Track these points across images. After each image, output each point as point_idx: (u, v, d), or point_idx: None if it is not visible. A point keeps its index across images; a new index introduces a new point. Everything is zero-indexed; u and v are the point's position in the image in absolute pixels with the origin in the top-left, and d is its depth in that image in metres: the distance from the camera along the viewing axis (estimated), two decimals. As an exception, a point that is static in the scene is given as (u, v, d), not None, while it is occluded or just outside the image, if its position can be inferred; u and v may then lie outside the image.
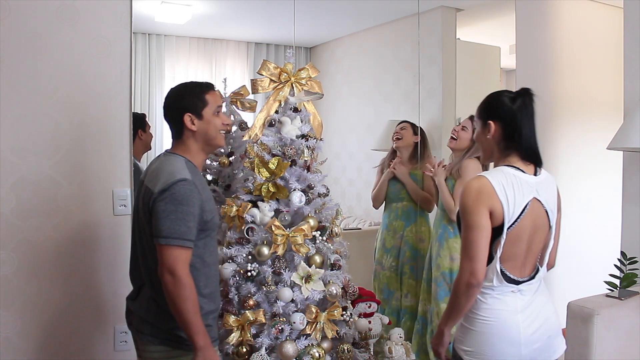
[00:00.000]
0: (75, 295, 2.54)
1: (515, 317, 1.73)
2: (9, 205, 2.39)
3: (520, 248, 1.75)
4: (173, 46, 3.40)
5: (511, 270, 1.76)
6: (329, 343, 2.26)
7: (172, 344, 1.82)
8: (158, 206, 1.73)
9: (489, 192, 1.69)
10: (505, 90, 1.85)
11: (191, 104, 1.86)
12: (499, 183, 1.70)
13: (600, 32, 4.24)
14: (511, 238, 1.72)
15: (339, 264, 2.31)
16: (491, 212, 1.69)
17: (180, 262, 1.70)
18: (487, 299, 1.75)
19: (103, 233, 2.57)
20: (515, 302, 1.75)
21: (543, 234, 1.81)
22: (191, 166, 1.85)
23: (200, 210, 1.77)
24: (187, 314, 1.70)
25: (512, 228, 1.71)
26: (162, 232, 1.71)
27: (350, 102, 4.16)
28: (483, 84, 4.32)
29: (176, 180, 1.74)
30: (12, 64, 2.38)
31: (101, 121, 2.57)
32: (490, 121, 1.81)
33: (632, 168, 2.90)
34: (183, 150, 1.88)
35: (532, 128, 1.78)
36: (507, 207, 1.69)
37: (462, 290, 1.70)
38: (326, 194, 2.38)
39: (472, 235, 1.69)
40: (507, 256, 1.74)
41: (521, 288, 1.77)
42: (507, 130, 1.78)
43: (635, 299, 2.49)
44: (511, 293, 1.76)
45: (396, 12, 3.98)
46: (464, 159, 3.01)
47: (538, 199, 1.75)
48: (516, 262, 1.76)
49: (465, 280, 1.69)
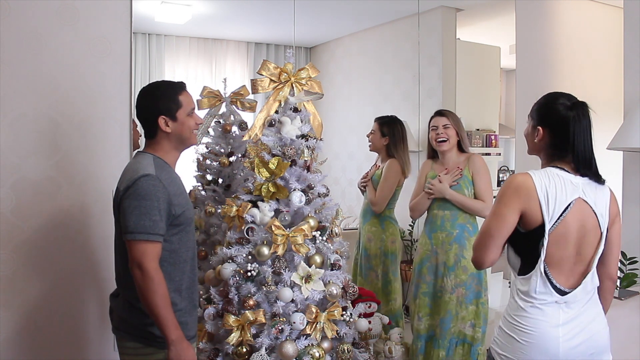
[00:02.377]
0: (75, 295, 2.54)
1: (555, 331, 1.66)
2: (9, 205, 2.39)
3: (568, 251, 1.67)
4: (173, 46, 3.40)
5: (557, 276, 1.67)
6: (329, 343, 2.26)
7: (145, 340, 1.83)
8: (123, 203, 1.77)
9: (528, 190, 1.65)
10: (563, 95, 1.77)
11: (165, 106, 1.87)
12: (542, 183, 1.65)
13: (600, 32, 4.24)
14: (555, 239, 1.65)
15: (339, 264, 2.30)
16: (527, 212, 1.66)
17: (147, 256, 1.72)
18: (528, 307, 1.69)
19: (103, 233, 2.57)
20: (558, 314, 1.67)
21: (594, 239, 1.70)
22: (160, 162, 1.86)
23: (167, 205, 1.78)
24: (157, 308, 1.71)
25: (555, 227, 1.65)
26: (128, 228, 1.74)
27: (350, 102, 4.16)
28: (483, 84, 4.32)
29: (139, 176, 1.76)
30: (12, 64, 2.38)
31: (101, 121, 2.57)
32: (540, 127, 1.76)
33: (632, 168, 2.90)
34: (155, 149, 1.90)
35: (586, 140, 1.71)
36: (545, 206, 1.64)
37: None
38: (326, 194, 2.38)
39: (493, 222, 1.68)
40: (553, 260, 1.66)
41: (567, 299, 1.68)
42: (556, 139, 1.73)
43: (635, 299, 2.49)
44: (555, 304, 1.68)
45: (396, 12, 3.99)
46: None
47: (584, 199, 1.68)
48: (563, 268, 1.67)
49: (473, 261, 1.76)
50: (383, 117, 3.47)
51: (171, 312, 1.74)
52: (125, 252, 1.78)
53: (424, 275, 2.91)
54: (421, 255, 2.94)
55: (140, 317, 1.80)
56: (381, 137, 3.40)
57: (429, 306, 2.90)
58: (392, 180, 3.30)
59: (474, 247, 1.76)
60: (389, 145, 3.38)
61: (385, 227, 3.35)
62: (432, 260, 2.89)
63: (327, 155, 2.55)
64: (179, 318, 1.80)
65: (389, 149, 3.39)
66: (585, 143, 1.70)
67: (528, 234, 1.68)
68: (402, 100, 4.06)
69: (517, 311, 1.71)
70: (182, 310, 1.85)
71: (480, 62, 4.33)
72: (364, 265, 3.40)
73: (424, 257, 2.92)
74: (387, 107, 4.09)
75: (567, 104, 1.73)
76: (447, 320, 2.81)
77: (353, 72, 4.17)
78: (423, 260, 2.93)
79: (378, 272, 3.36)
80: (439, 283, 2.86)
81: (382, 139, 3.40)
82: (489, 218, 1.71)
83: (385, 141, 3.39)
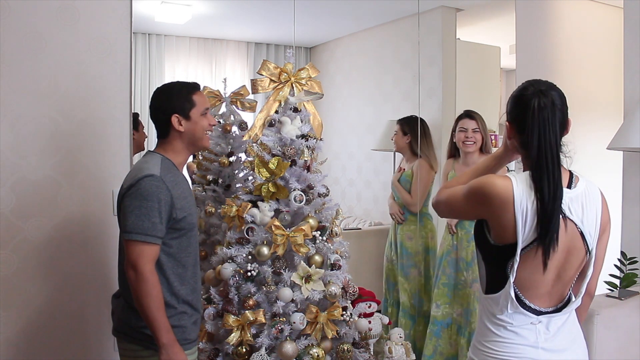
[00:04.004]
0: (75, 296, 2.54)
1: (536, 352, 1.45)
2: (9, 205, 2.39)
3: (546, 276, 1.44)
4: (173, 46, 3.40)
5: (532, 299, 1.46)
6: (329, 343, 2.26)
7: (143, 343, 1.81)
8: (125, 201, 1.76)
9: (504, 202, 1.40)
10: (533, 82, 1.52)
11: (179, 105, 1.86)
12: (521, 193, 1.40)
13: (600, 32, 4.24)
14: (528, 261, 1.41)
15: (339, 264, 2.30)
16: (497, 225, 1.44)
17: (142, 258, 1.71)
18: (502, 331, 1.47)
19: (103, 233, 2.57)
20: (536, 335, 1.46)
21: (577, 260, 1.47)
22: (168, 164, 1.85)
23: (169, 207, 1.76)
24: (148, 310, 1.70)
25: (530, 249, 1.40)
26: (126, 227, 1.73)
27: (350, 102, 4.16)
28: (483, 84, 4.32)
29: (143, 176, 1.75)
30: (13, 63, 2.38)
31: (101, 121, 2.57)
32: (508, 122, 1.52)
33: (632, 168, 2.90)
34: (166, 149, 1.89)
35: (542, 136, 1.42)
36: (522, 223, 1.38)
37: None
38: (326, 194, 2.38)
39: (457, 201, 1.53)
40: (526, 283, 1.44)
41: (542, 320, 1.47)
42: (522, 136, 1.47)
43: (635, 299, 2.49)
44: (530, 325, 1.46)
45: (396, 12, 3.98)
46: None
47: (569, 217, 1.43)
48: (538, 291, 1.45)
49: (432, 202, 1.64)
50: (404, 117, 3.61)
51: (164, 315, 1.72)
52: (122, 250, 1.78)
53: (444, 268, 3.16)
54: (443, 249, 3.19)
55: (139, 319, 1.78)
56: (403, 136, 3.54)
57: (449, 296, 3.14)
58: (425, 181, 3.43)
59: (436, 199, 1.61)
60: (411, 142, 3.50)
61: (424, 224, 3.48)
62: (452, 255, 3.13)
63: (327, 155, 2.55)
64: (176, 322, 1.79)
65: (411, 146, 3.50)
66: (540, 140, 1.41)
67: (499, 248, 1.45)
68: (402, 100, 4.06)
69: (487, 337, 1.50)
70: (180, 314, 1.83)
71: (480, 62, 4.33)
72: (405, 264, 3.49)
73: (445, 251, 3.17)
74: (387, 107, 4.09)
75: (528, 91, 1.47)
76: (468, 312, 3.06)
77: (353, 72, 4.16)
78: (444, 254, 3.17)
79: (421, 269, 3.47)
80: (460, 277, 3.11)
81: (403, 137, 3.53)
82: (459, 196, 1.52)
83: (407, 139, 3.52)
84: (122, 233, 1.75)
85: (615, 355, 2.35)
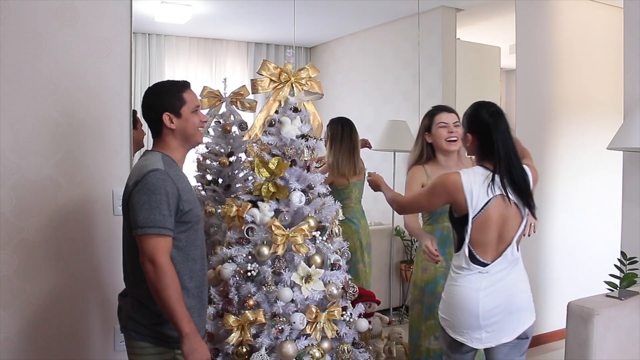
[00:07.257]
0: (75, 295, 2.54)
1: (476, 294, 2.05)
2: (9, 205, 2.39)
3: (490, 236, 2.05)
4: (173, 46, 3.40)
5: (482, 254, 2.07)
6: (329, 343, 2.26)
7: (154, 340, 1.83)
8: (133, 198, 1.76)
9: (455, 187, 2.04)
10: (484, 105, 2.10)
11: (169, 103, 1.88)
12: (468, 180, 2.03)
13: (600, 32, 4.24)
14: (478, 226, 2.04)
15: (339, 264, 2.30)
16: (455, 203, 2.07)
17: (159, 250, 1.72)
18: (459, 279, 2.10)
19: (103, 233, 2.57)
20: (480, 281, 2.06)
21: (514, 224, 2.08)
22: (168, 160, 1.87)
23: (177, 200, 1.79)
24: (170, 301, 1.70)
25: (477, 217, 2.03)
26: (138, 223, 1.73)
27: (350, 102, 4.16)
28: (483, 84, 4.32)
29: (148, 171, 1.77)
30: (12, 63, 2.38)
31: (101, 121, 2.57)
32: (469, 134, 2.11)
33: (632, 168, 2.90)
34: (162, 147, 1.91)
35: (506, 142, 2.03)
36: (470, 200, 2.02)
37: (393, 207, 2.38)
38: (326, 194, 2.38)
39: (424, 200, 2.19)
40: (478, 242, 2.06)
41: (489, 270, 2.06)
42: (482, 143, 2.08)
43: (635, 299, 2.49)
44: (478, 274, 2.07)
45: (396, 12, 3.98)
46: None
47: (505, 194, 2.03)
48: (486, 248, 2.07)
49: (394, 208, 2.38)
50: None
51: (184, 305, 1.74)
52: (134, 250, 1.78)
53: (439, 295, 2.32)
54: (434, 273, 2.60)
55: (150, 317, 1.79)
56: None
57: None
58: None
59: (401, 204, 2.32)
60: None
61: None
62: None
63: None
64: None
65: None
66: (505, 144, 2.03)
67: (459, 218, 2.08)
68: (402, 100, 4.06)
69: (450, 281, 2.13)
70: (190, 309, 1.83)
71: (480, 62, 4.33)
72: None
73: (439, 274, 2.58)
74: (387, 107, 4.09)
75: (487, 112, 2.06)
76: None
77: (353, 72, 4.16)
78: (437, 278, 2.59)
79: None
80: None
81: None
82: (425, 194, 2.19)
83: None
84: (133, 229, 1.75)
85: (615, 355, 2.35)
